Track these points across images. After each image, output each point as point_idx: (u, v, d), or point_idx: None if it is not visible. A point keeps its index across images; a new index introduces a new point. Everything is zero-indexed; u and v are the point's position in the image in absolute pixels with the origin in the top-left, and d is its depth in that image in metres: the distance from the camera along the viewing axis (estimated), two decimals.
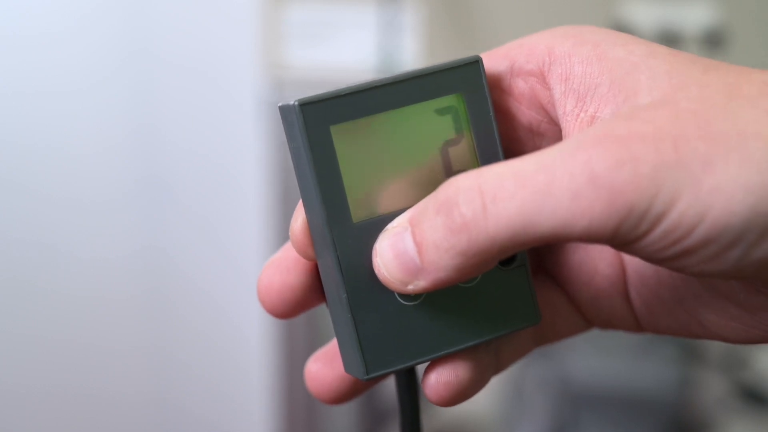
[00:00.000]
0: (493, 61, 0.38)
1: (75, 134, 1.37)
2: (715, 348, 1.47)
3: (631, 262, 0.40)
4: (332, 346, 0.41)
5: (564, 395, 1.37)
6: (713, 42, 1.40)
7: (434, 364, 0.38)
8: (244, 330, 1.47)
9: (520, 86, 0.38)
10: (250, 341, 1.47)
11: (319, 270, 0.38)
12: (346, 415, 1.51)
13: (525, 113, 0.38)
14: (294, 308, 0.40)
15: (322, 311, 0.40)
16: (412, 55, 1.47)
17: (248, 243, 1.43)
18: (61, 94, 1.34)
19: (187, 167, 1.44)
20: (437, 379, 0.38)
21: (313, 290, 0.40)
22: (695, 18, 1.43)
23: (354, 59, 1.48)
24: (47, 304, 1.36)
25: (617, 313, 0.41)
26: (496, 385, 1.52)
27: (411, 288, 0.35)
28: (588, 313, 0.42)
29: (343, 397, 0.41)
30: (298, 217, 0.38)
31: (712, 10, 1.44)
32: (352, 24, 1.48)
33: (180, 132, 1.43)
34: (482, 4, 1.52)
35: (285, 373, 1.47)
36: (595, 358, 1.38)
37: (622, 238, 0.31)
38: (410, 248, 0.34)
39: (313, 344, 1.40)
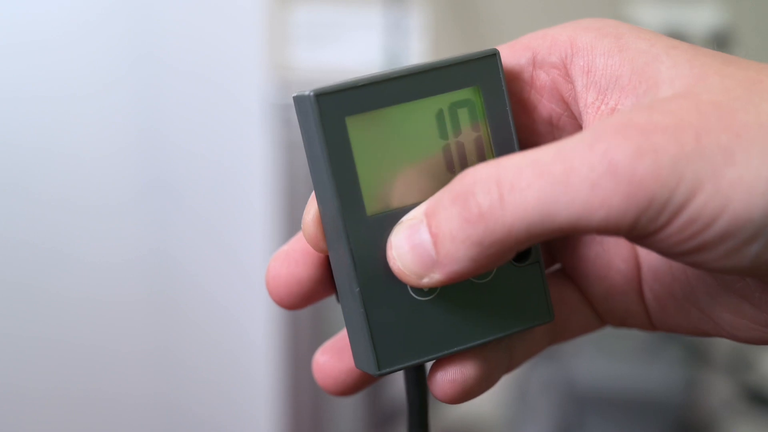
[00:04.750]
0: (514, 52, 0.38)
1: (81, 138, 1.36)
2: (721, 350, 1.47)
3: (646, 258, 0.40)
4: (340, 337, 0.41)
5: (569, 397, 1.37)
6: (719, 44, 1.40)
7: (441, 360, 0.37)
8: (250, 333, 1.47)
9: (542, 78, 0.37)
10: (256, 344, 1.46)
11: (331, 263, 0.38)
12: (351, 416, 1.51)
13: (546, 106, 0.38)
14: (301, 300, 0.40)
15: (328, 313, 0.40)
16: (418, 56, 1.47)
17: (254, 246, 1.43)
18: (67, 98, 1.34)
19: (193, 171, 1.44)
20: (443, 377, 0.37)
21: (321, 282, 0.39)
22: (701, 19, 1.43)
23: (360, 61, 1.48)
24: (54, 307, 1.36)
25: (631, 310, 0.40)
26: (501, 386, 1.52)
27: (426, 281, 0.34)
28: (602, 309, 0.41)
29: (350, 389, 0.41)
30: (311, 209, 0.37)
31: (719, 12, 1.44)
32: (358, 25, 1.49)
33: (186, 135, 1.43)
34: (489, 5, 1.52)
35: (290, 376, 1.47)
36: (600, 360, 1.38)
37: (640, 230, 0.31)
38: (426, 240, 0.33)
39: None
